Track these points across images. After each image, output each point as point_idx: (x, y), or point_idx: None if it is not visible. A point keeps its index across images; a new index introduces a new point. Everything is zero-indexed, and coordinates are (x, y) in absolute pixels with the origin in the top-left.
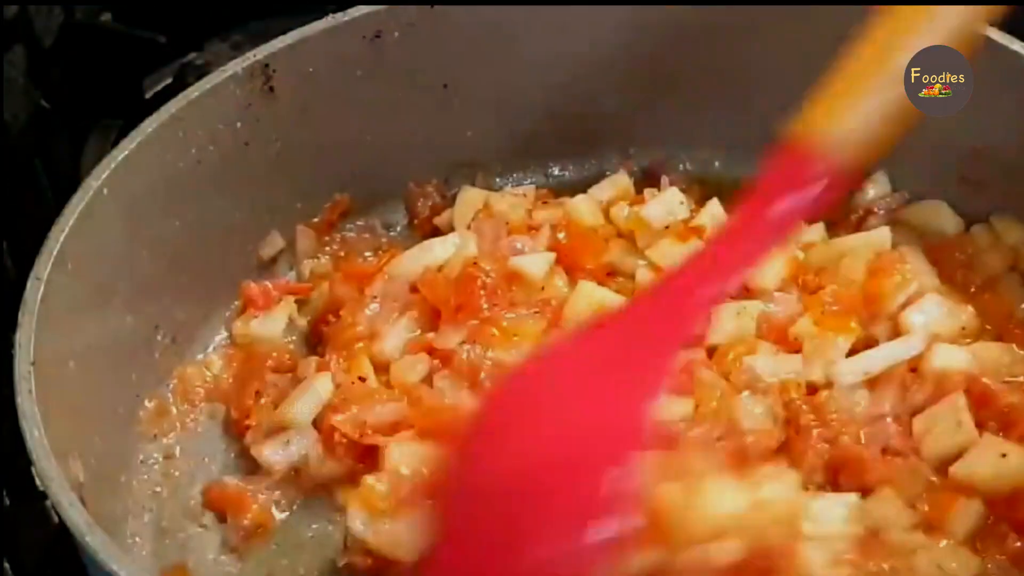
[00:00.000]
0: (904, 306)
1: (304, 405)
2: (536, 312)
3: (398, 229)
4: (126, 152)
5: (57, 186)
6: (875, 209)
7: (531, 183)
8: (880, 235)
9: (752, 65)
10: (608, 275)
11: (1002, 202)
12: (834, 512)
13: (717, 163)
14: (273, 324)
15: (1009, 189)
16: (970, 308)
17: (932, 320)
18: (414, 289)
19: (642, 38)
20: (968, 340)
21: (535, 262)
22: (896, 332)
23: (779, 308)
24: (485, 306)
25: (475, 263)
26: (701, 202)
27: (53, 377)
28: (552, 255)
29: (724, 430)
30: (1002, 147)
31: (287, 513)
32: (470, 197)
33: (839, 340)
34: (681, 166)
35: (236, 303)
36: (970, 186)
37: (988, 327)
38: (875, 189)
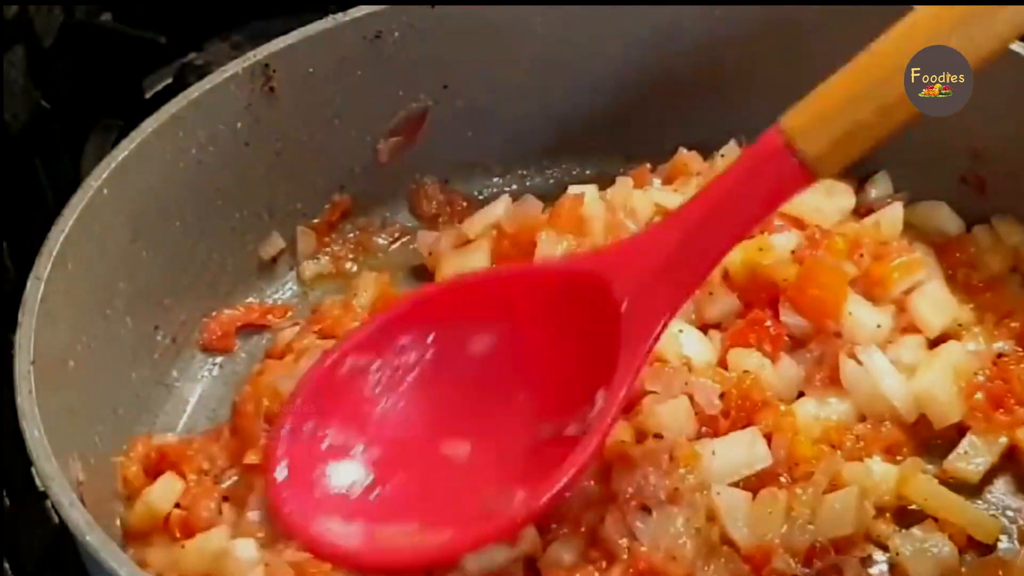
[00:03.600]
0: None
1: None
2: None
3: (398, 229)
4: (126, 152)
5: (57, 186)
6: (876, 209)
7: (530, 184)
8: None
9: (749, 69)
10: None
11: (1002, 203)
12: None
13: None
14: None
15: (1009, 189)
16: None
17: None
18: None
19: (642, 39)
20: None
21: None
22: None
23: None
24: None
25: None
26: None
27: (53, 377)
28: None
29: None
30: (1002, 147)
31: None
32: None
33: None
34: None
35: (235, 305)
36: (970, 186)
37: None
38: (876, 189)
